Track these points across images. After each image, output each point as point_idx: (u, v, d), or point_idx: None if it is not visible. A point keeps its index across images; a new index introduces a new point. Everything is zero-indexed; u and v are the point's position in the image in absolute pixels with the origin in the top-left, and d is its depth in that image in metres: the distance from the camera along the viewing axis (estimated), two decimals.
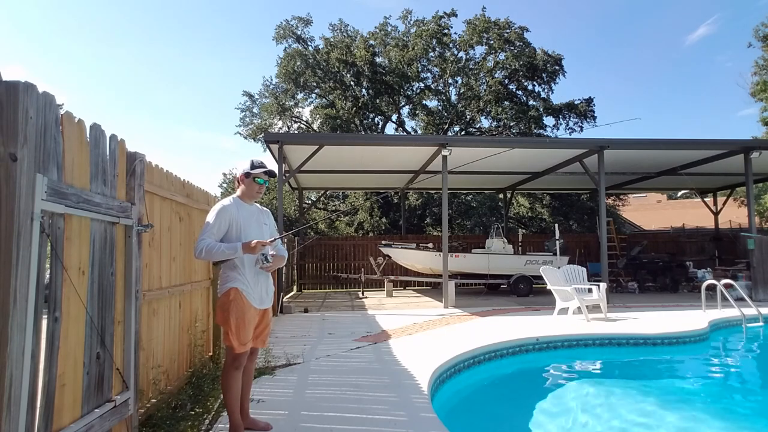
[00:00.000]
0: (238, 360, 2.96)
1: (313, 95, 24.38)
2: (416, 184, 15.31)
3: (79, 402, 2.24)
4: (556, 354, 6.08)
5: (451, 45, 23.97)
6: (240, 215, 3.02)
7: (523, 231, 21.70)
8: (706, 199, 17.15)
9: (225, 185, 26.02)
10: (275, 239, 3.02)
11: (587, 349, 6.24)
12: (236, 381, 2.97)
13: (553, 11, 53.53)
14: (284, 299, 10.27)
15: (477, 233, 20.42)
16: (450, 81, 24.52)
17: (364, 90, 23.61)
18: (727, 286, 8.21)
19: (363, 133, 22.83)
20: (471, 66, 24.15)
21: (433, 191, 20.32)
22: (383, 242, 12.92)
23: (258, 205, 3.26)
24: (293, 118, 23.91)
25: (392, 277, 13.29)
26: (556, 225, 13.54)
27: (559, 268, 8.84)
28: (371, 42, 23.98)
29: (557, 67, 23.41)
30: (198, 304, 4.65)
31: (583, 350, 6.21)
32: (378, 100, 23.64)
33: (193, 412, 3.47)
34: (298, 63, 22.69)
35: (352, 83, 23.51)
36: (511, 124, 23.13)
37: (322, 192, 20.98)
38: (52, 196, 1.94)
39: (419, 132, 24.66)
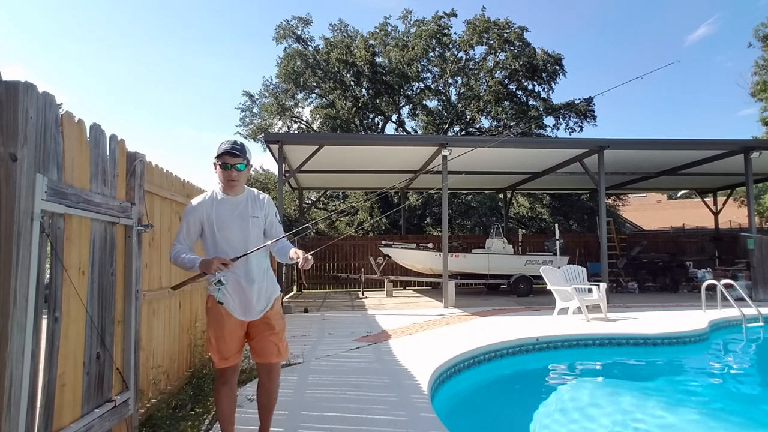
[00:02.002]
0: (223, 375, 2.64)
1: (313, 95, 24.40)
2: (416, 184, 15.31)
3: (79, 402, 2.24)
4: (556, 354, 6.08)
5: (451, 45, 23.98)
6: (216, 212, 2.55)
7: (523, 231, 21.70)
8: (706, 199, 17.16)
9: None
10: (240, 257, 2.43)
11: (587, 349, 6.24)
12: (222, 397, 2.65)
13: (553, 11, 53.55)
14: (284, 299, 10.27)
15: (477, 233, 20.43)
16: (450, 81, 24.53)
17: (364, 90, 23.62)
18: (727, 286, 8.21)
19: (363, 133, 22.84)
20: (471, 66, 24.17)
21: (433, 191, 20.33)
22: (383, 242, 12.92)
23: (254, 191, 2.72)
24: (293, 118, 23.92)
25: (392, 277, 13.29)
26: (556, 225, 13.54)
27: (559, 268, 8.83)
28: (371, 42, 23.99)
29: (557, 67, 23.43)
30: (198, 304, 4.65)
31: (583, 350, 6.21)
32: (378, 100, 23.65)
33: (193, 412, 3.46)
34: (298, 63, 22.70)
35: (352, 83, 23.52)
36: (511, 124, 23.14)
37: (322, 192, 20.99)
38: (52, 196, 1.94)
39: (419, 132, 24.67)
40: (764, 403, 4.79)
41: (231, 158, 2.51)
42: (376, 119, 24.66)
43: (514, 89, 23.86)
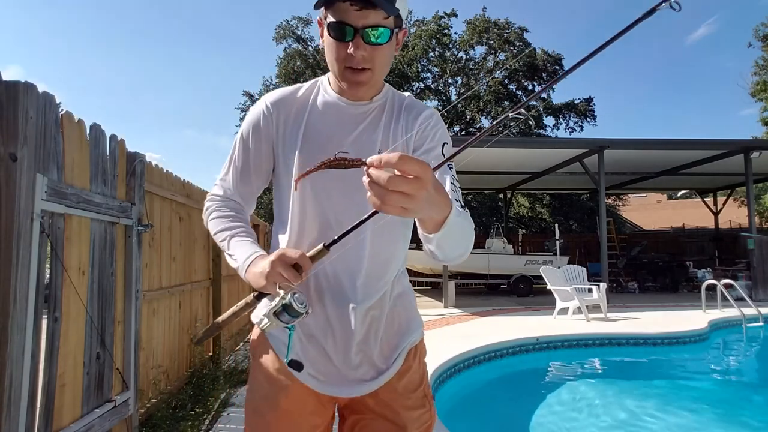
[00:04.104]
0: None
1: None
2: None
3: (79, 402, 2.24)
4: (556, 354, 6.07)
5: (451, 45, 24.01)
6: (308, 127, 1.14)
7: (523, 231, 21.70)
8: (706, 199, 17.15)
9: None
10: (341, 237, 0.90)
11: (587, 349, 6.24)
12: None
13: (553, 11, 53.57)
14: None
15: (477, 233, 20.42)
16: (450, 81, 24.54)
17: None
18: (727, 286, 8.21)
19: None
20: (471, 66, 24.18)
21: None
22: None
23: (404, 96, 1.22)
24: None
25: None
26: (556, 225, 13.54)
27: (559, 268, 8.84)
28: None
29: (557, 67, 23.46)
30: (198, 304, 4.65)
31: (583, 350, 6.21)
32: None
33: (193, 412, 3.46)
34: (298, 63, 22.74)
35: None
36: (511, 124, 23.15)
37: None
38: (52, 196, 1.94)
39: None
40: (764, 402, 4.79)
41: (357, 11, 1.00)
42: None
43: (514, 89, 23.89)
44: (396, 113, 1.17)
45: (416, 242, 0.98)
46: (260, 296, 1.01)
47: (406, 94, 1.23)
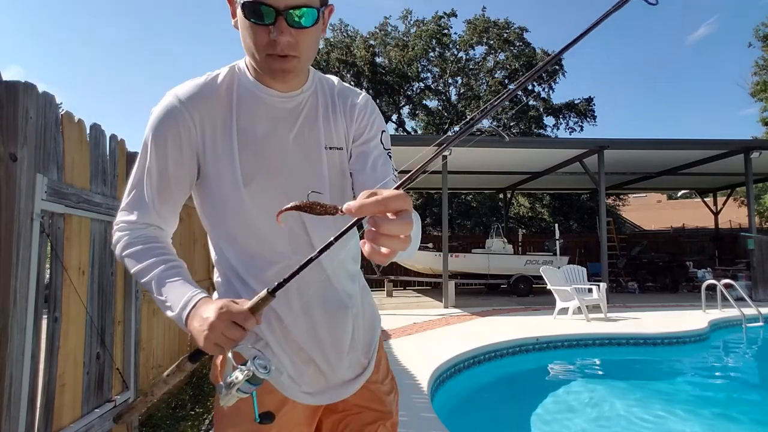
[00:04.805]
0: None
1: None
2: (416, 184, 15.30)
3: (79, 402, 2.24)
4: (556, 354, 6.08)
5: (451, 45, 24.02)
6: (240, 128, 1.00)
7: (523, 231, 21.71)
8: (706, 199, 17.15)
9: None
10: (294, 274, 0.76)
11: (587, 349, 6.24)
12: None
13: (552, 11, 53.62)
14: None
15: (477, 233, 20.43)
16: (450, 81, 24.56)
17: (364, 90, 23.63)
18: (727, 286, 8.21)
19: None
20: (471, 66, 24.20)
21: (433, 191, 20.33)
22: None
23: (332, 80, 1.13)
24: None
25: (392, 277, 13.28)
26: (556, 225, 13.55)
27: (559, 268, 8.84)
28: (371, 42, 24.02)
29: (557, 67, 23.46)
30: None
31: (583, 350, 6.21)
32: (378, 100, 23.69)
33: (193, 412, 3.47)
34: None
35: (352, 83, 23.54)
36: (511, 124, 23.18)
37: None
38: (52, 196, 1.94)
39: (419, 132, 24.69)
40: (764, 402, 4.79)
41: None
42: None
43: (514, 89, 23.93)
44: (331, 102, 1.09)
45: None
46: (196, 356, 0.89)
47: (334, 78, 1.14)
